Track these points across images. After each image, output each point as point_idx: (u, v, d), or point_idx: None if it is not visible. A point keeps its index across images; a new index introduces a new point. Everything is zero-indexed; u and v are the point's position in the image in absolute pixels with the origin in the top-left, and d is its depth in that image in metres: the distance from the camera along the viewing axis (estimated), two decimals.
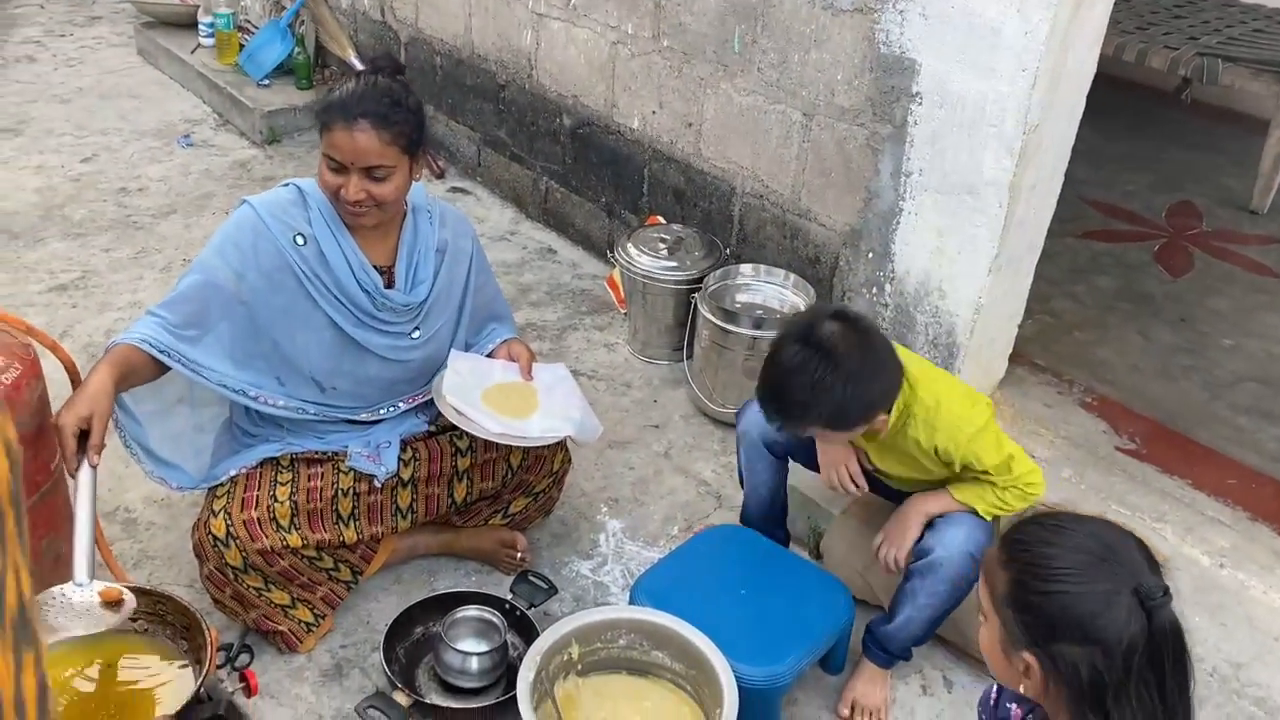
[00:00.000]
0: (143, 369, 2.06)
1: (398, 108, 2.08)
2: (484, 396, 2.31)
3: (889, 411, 2.01)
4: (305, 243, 2.15)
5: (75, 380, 2.18)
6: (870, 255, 2.91)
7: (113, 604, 1.71)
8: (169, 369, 2.10)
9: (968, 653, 2.36)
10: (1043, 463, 2.75)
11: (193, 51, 5.43)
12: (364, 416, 2.34)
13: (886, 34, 2.72)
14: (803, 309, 3.04)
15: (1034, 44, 2.41)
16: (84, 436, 1.86)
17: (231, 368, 2.16)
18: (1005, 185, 2.57)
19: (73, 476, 1.85)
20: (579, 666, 2.12)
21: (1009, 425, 2.88)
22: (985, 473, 2.07)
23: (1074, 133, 2.68)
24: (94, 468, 1.84)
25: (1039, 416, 2.96)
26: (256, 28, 5.30)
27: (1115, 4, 2.59)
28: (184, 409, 2.30)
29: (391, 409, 2.37)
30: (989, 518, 2.10)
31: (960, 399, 2.09)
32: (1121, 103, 5.34)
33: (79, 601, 1.71)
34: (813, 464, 2.35)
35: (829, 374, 1.89)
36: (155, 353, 2.05)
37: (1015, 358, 3.10)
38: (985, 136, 2.56)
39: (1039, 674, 1.36)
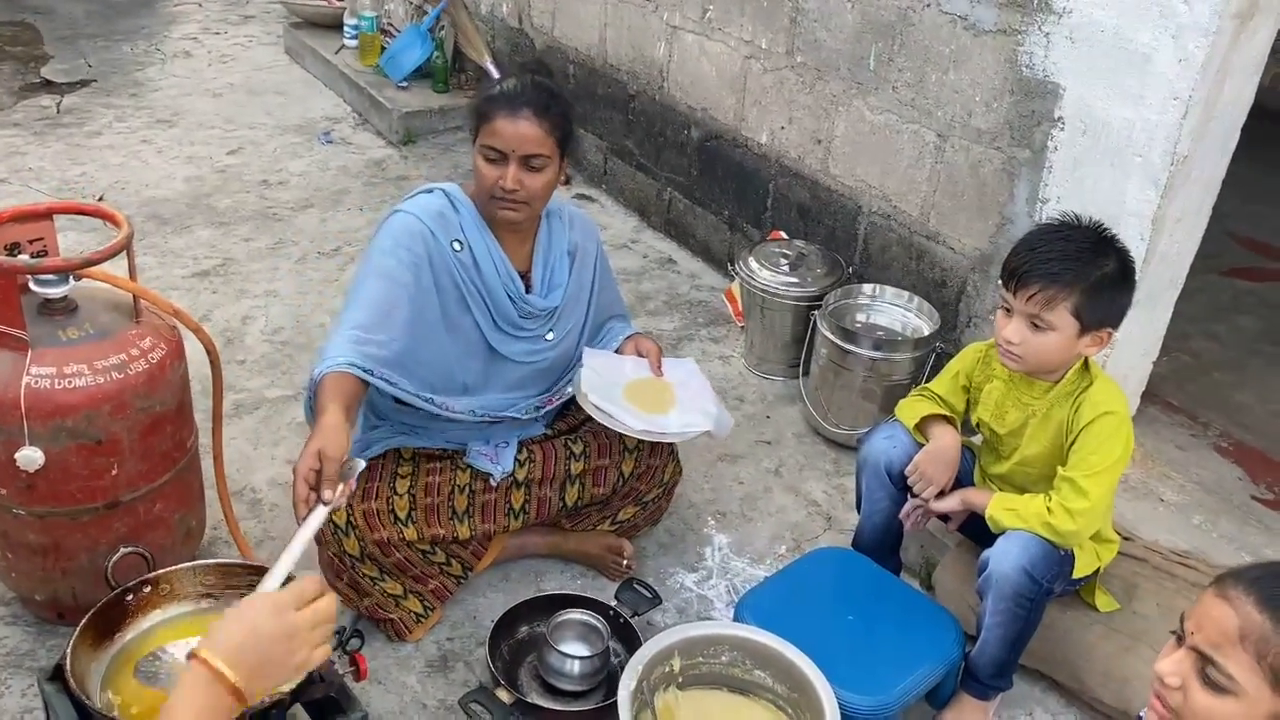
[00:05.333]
0: (358, 393, 2.02)
1: (556, 100, 2.17)
2: (624, 393, 2.34)
3: (1113, 332, 2.05)
4: (462, 248, 2.21)
5: (214, 362, 2.28)
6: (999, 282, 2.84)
7: None
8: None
9: (1080, 698, 2.27)
10: (1172, 508, 2.66)
11: (337, 52, 5.64)
12: (515, 415, 2.36)
13: (1030, 56, 2.65)
14: (925, 332, 2.98)
15: (1188, 72, 2.32)
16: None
17: (415, 369, 2.16)
18: (1148, 217, 2.48)
19: (299, 521, 1.72)
20: (680, 680, 2.11)
21: (1137, 466, 2.78)
22: (1069, 475, 2.05)
23: (1225, 165, 2.57)
24: (325, 504, 1.72)
25: (1171, 459, 2.84)
26: (398, 31, 5.48)
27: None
28: None
29: (531, 412, 2.39)
30: (1023, 528, 2.05)
31: (1125, 416, 2.10)
32: (1276, 136, 5.08)
33: None
34: None
35: (1108, 254, 1.99)
36: (360, 374, 2.02)
37: (1149, 397, 2.98)
38: (1130, 166, 2.48)
39: None
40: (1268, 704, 1.25)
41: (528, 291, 2.31)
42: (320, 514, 1.72)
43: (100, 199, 4.24)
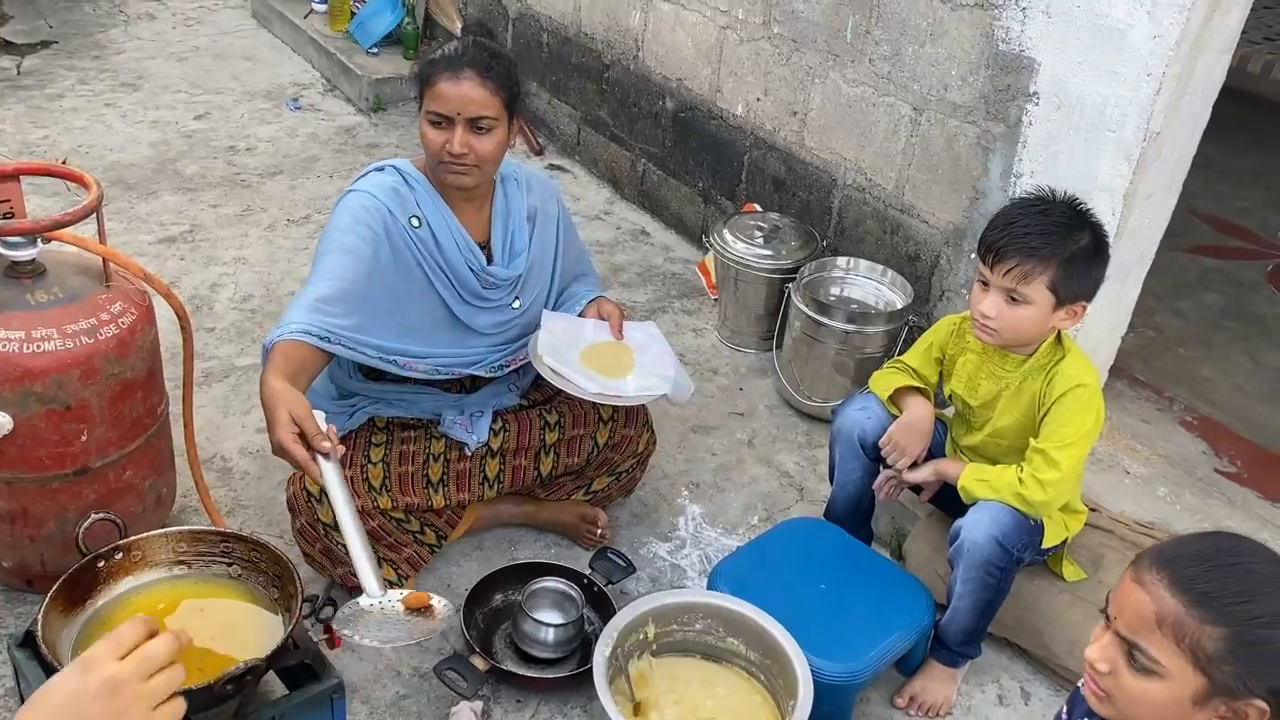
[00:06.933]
0: (312, 362, 1.96)
1: (498, 59, 2.13)
2: (581, 357, 2.32)
3: (1087, 306, 2.09)
4: (420, 224, 2.17)
5: (185, 326, 2.25)
6: (973, 256, 2.86)
7: (421, 609, 1.70)
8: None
9: (1047, 665, 2.31)
10: (1137, 480, 2.70)
11: (305, 16, 5.55)
12: (478, 372, 2.34)
13: (1006, 31, 2.66)
14: (898, 306, 3.00)
15: (1162, 48, 2.33)
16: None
17: (380, 338, 2.14)
18: (1120, 193, 2.50)
19: (318, 481, 1.77)
20: (653, 646, 2.13)
21: (1104, 439, 2.81)
22: (1041, 447, 2.07)
23: (1196, 142, 2.59)
24: (327, 455, 1.75)
25: (1137, 432, 2.88)
26: None
27: None
28: None
29: (498, 369, 2.37)
30: (995, 498, 2.08)
31: (1097, 389, 2.13)
32: (1242, 116, 5.14)
33: (382, 612, 1.70)
34: None
35: (1083, 228, 2.02)
36: (317, 341, 1.97)
37: (1115, 371, 3.02)
38: (1103, 142, 2.49)
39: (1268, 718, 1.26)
40: (1193, 682, 1.27)
41: (489, 262, 2.28)
42: (331, 473, 1.74)
43: (64, 162, 4.15)
